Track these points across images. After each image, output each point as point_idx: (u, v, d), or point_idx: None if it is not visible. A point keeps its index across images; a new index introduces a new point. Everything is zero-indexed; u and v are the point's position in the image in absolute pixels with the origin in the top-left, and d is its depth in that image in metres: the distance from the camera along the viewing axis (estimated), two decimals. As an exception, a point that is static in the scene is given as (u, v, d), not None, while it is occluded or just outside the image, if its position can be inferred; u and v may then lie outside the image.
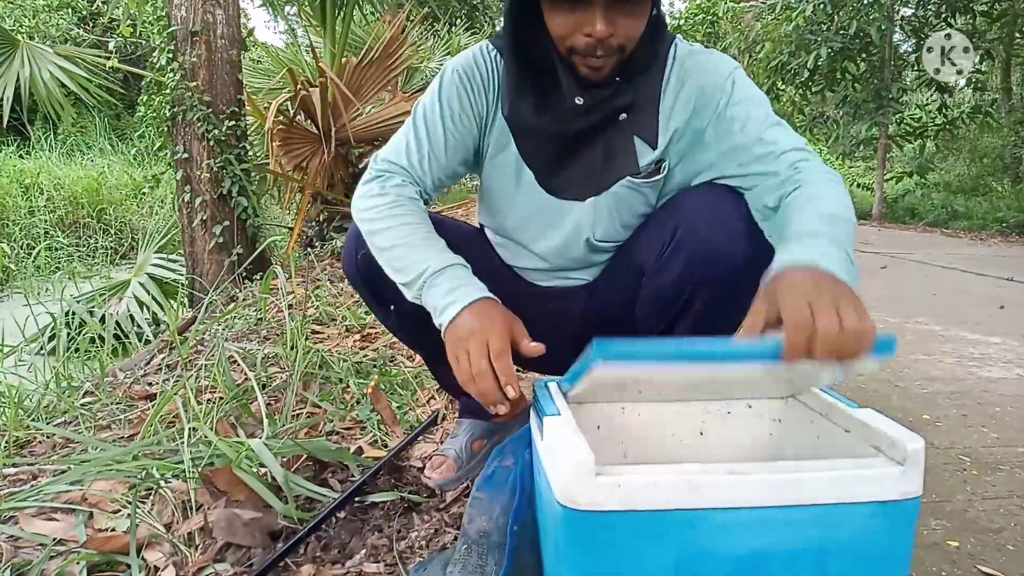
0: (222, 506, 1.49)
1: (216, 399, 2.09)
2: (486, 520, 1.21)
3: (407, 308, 1.34)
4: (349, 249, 1.34)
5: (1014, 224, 8.56)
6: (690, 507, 0.69)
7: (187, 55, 3.84)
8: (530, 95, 1.19)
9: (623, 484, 0.69)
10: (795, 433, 0.97)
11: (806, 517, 0.71)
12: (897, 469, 0.72)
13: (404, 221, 1.17)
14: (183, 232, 4.05)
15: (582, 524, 0.71)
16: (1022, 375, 2.37)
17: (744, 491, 0.70)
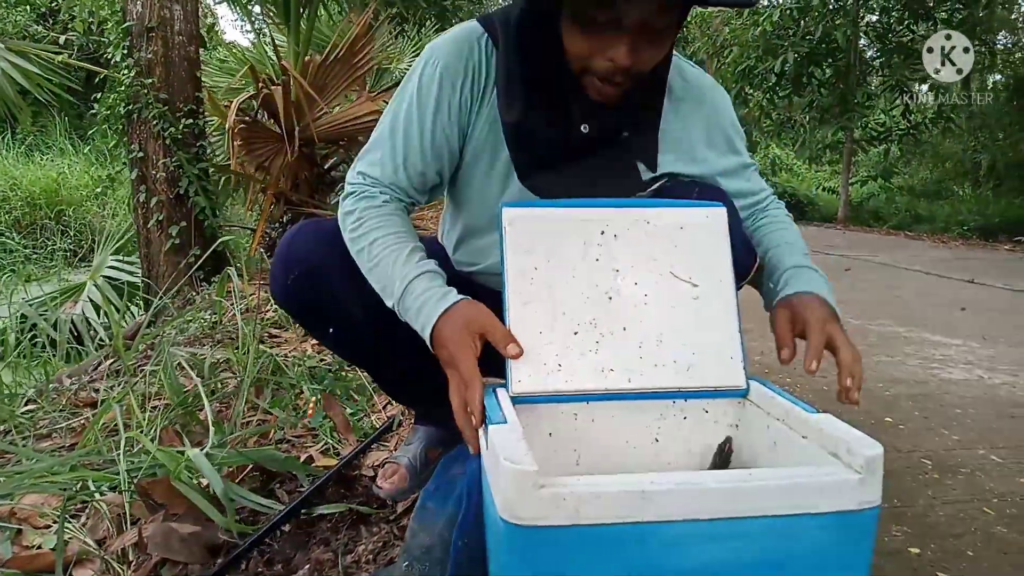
0: (159, 520, 1.42)
1: (162, 406, 2.01)
2: (429, 534, 1.15)
3: (347, 331, 1.27)
4: (277, 272, 1.21)
5: (975, 227, 8.73)
6: (639, 520, 0.66)
7: (143, 51, 3.73)
8: (538, 106, 1.09)
9: (568, 497, 0.65)
10: (752, 438, 0.93)
11: (761, 529, 0.68)
12: (855, 477, 0.69)
13: (369, 240, 1.09)
14: (138, 233, 3.93)
15: (526, 540, 0.66)
16: (983, 377, 2.38)
17: (695, 503, 0.66)
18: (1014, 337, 2.99)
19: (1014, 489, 1.52)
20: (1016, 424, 1.93)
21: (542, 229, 0.95)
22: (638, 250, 0.95)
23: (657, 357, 0.93)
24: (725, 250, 0.97)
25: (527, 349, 0.91)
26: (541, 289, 0.93)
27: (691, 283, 0.95)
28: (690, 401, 0.95)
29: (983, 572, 1.20)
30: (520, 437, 0.73)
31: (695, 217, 0.98)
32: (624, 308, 0.94)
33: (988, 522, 1.38)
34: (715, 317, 0.95)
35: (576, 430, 0.95)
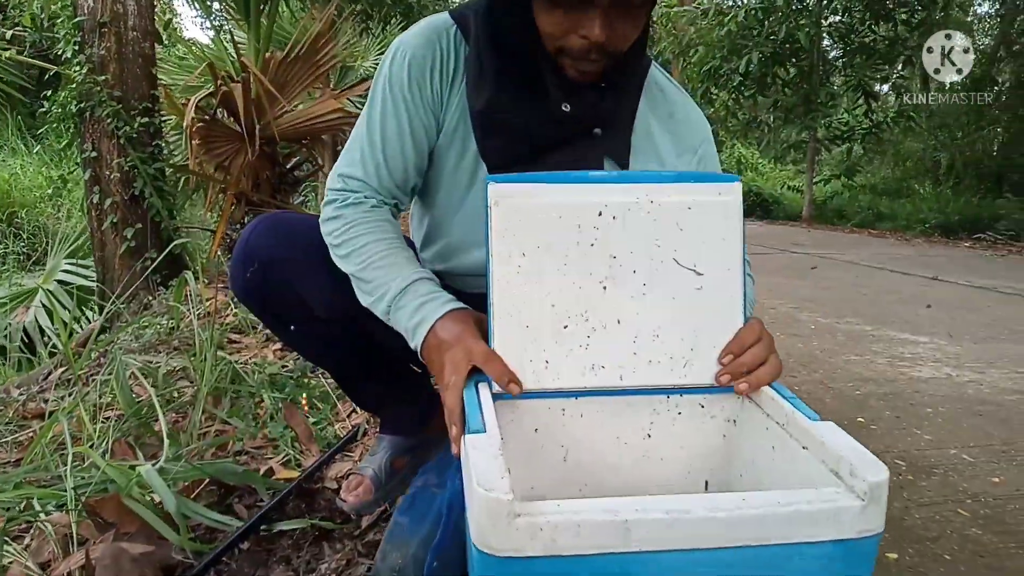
0: (108, 540, 1.34)
1: (115, 418, 1.92)
2: (401, 554, 1.09)
3: (308, 328, 1.22)
4: (235, 268, 1.17)
5: (935, 225, 8.89)
6: (622, 551, 0.60)
7: (95, 47, 3.60)
8: (510, 91, 1.04)
9: (545, 527, 0.59)
10: (749, 438, 0.88)
11: (753, 558, 0.62)
12: (856, 505, 0.63)
13: (360, 244, 1.04)
14: (92, 236, 3.79)
15: (500, 570, 0.61)
16: (951, 374, 2.39)
17: (683, 533, 0.61)
18: (978, 334, 3.01)
19: (987, 489, 1.51)
20: (984, 422, 1.93)
21: (532, 209, 0.84)
22: (639, 234, 0.85)
23: (652, 352, 0.87)
24: (736, 234, 0.87)
25: (512, 344, 0.85)
26: (529, 277, 0.84)
27: (695, 271, 0.86)
28: (685, 396, 0.89)
29: (960, 575, 1.18)
30: (497, 452, 0.67)
31: (706, 195, 0.86)
32: (620, 299, 0.86)
33: (963, 524, 1.36)
34: (719, 309, 0.87)
35: (564, 426, 0.90)
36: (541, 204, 0.84)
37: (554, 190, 0.85)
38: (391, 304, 0.98)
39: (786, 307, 3.58)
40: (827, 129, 10.85)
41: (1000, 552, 1.26)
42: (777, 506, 0.62)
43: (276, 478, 1.60)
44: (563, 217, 0.84)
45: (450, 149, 1.12)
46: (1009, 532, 1.33)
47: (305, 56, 4.62)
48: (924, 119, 11.50)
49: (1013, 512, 1.41)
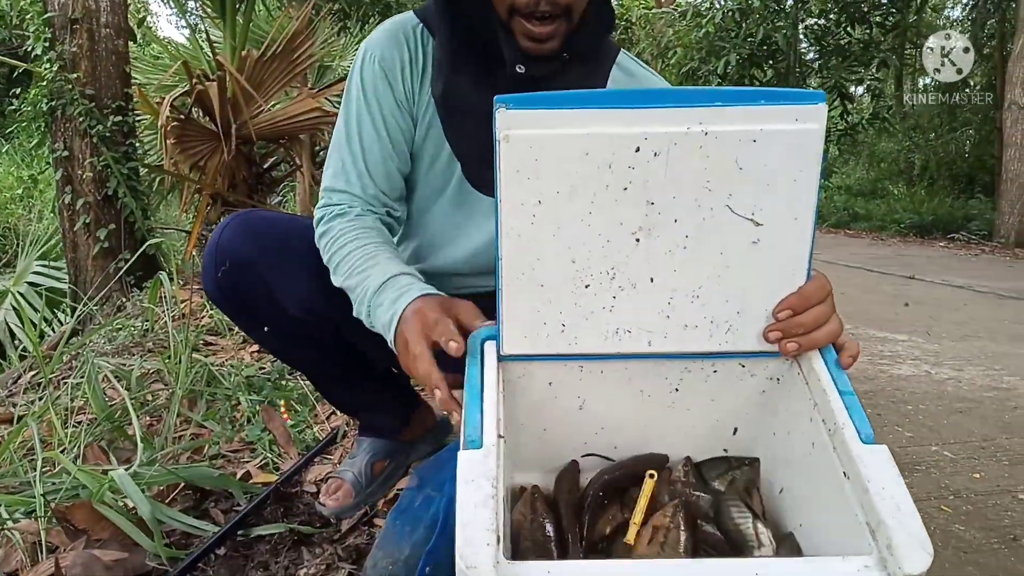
0: (80, 547, 1.30)
1: (87, 422, 1.87)
2: (392, 560, 1.06)
3: (282, 328, 1.19)
4: (207, 266, 1.14)
5: (910, 225, 9.00)
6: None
7: (67, 44, 3.52)
8: (468, 69, 1.02)
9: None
10: (790, 405, 0.78)
11: None
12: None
13: (344, 254, 1.00)
14: (64, 237, 3.71)
15: None
16: (930, 372, 2.40)
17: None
18: (955, 332, 3.04)
19: (968, 486, 1.52)
20: (964, 419, 1.94)
21: (552, 143, 0.67)
22: (685, 175, 0.67)
23: (689, 316, 0.73)
24: (813, 174, 0.68)
25: (523, 305, 0.73)
26: (545, 228, 0.69)
27: (754, 221, 0.69)
28: (724, 362, 0.78)
29: (945, 572, 1.18)
30: (490, 492, 0.59)
31: (779, 121, 0.66)
32: (655, 254, 0.70)
33: (947, 520, 1.36)
34: (778, 269, 0.72)
35: (581, 380, 0.80)
36: (564, 136, 0.66)
37: (582, 117, 0.66)
38: (370, 305, 0.92)
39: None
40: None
41: (983, 548, 1.26)
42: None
43: (253, 482, 1.57)
44: (591, 153, 0.67)
45: (425, 147, 1.10)
46: (991, 528, 1.33)
47: (282, 55, 4.56)
48: (898, 121, 11.65)
49: (994, 508, 1.42)
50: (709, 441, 0.88)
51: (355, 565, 1.28)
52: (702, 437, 0.87)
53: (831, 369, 0.72)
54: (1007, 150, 7.78)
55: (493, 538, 0.55)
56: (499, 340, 0.75)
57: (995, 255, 6.63)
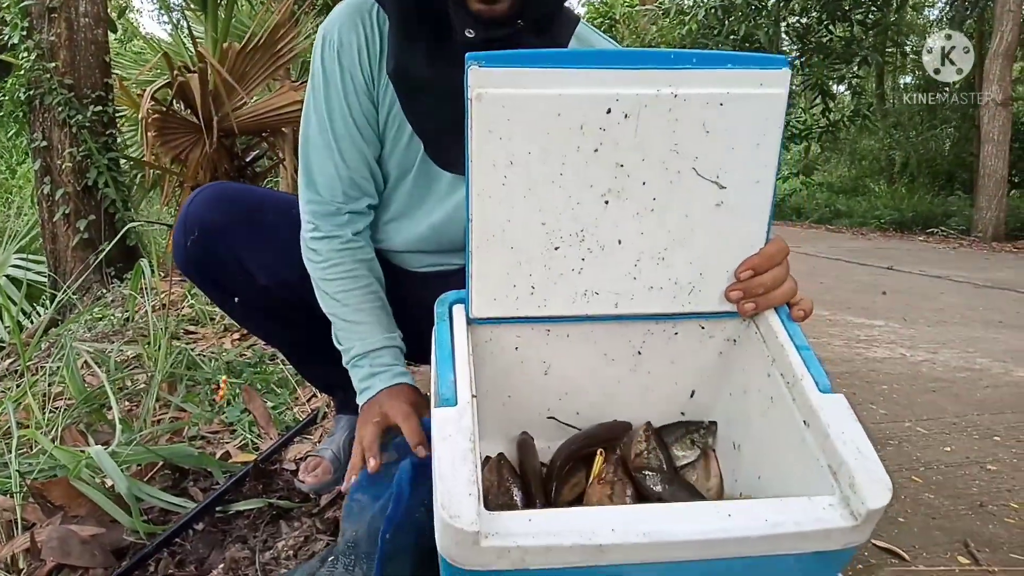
0: (56, 523, 1.30)
1: (66, 406, 1.86)
2: (356, 528, 1.07)
3: (257, 302, 1.20)
4: (177, 236, 1.15)
5: (890, 221, 9.09)
6: (595, 564, 0.57)
7: (44, 33, 3.49)
8: (420, 43, 0.99)
9: (513, 550, 0.55)
10: (747, 364, 0.80)
11: (732, 568, 0.59)
12: (849, 525, 0.57)
13: (332, 291, 1.09)
14: (43, 228, 3.67)
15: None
16: (905, 355, 2.44)
17: (660, 554, 0.57)
18: (932, 318, 3.09)
19: (939, 458, 1.54)
20: (937, 397, 1.97)
21: (524, 104, 0.66)
22: (654, 138, 0.68)
23: (655, 278, 0.75)
24: (775, 138, 0.70)
25: (493, 268, 0.73)
26: (516, 190, 0.70)
27: (718, 184, 0.71)
28: (683, 323, 0.81)
29: (914, 536, 1.20)
30: (468, 447, 0.60)
31: (745, 85, 0.68)
32: (623, 216, 0.71)
33: (917, 490, 1.39)
34: (739, 230, 0.74)
35: (548, 344, 0.82)
36: (536, 97, 0.66)
37: (555, 77, 0.66)
38: (350, 361, 1.07)
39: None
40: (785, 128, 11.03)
41: (951, 514, 1.29)
42: (764, 526, 0.57)
43: (233, 461, 1.57)
44: (563, 115, 0.67)
45: (388, 128, 1.09)
46: (959, 496, 1.36)
47: (264, 47, 4.54)
48: (879, 118, 11.77)
49: (963, 478, 1.44)
50: (668, 405, 0.90)
51: (333, 536, 1.28)
52: (662, 402, 0.89)
53: (787, 325, 0.75)
54: (984, 146, 7.88)
55: (474, 489, 0.56)
56: (468, 303, 0.75)
57: (972, 249, 6.73)
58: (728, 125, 0.69)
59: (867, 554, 1.14)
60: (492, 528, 0.55)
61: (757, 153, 0.70)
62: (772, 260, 0.76)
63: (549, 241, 0.72)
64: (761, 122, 0.69)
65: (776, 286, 0.77)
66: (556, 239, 0.72)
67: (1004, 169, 7.79)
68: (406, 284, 1.20)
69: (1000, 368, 2.28)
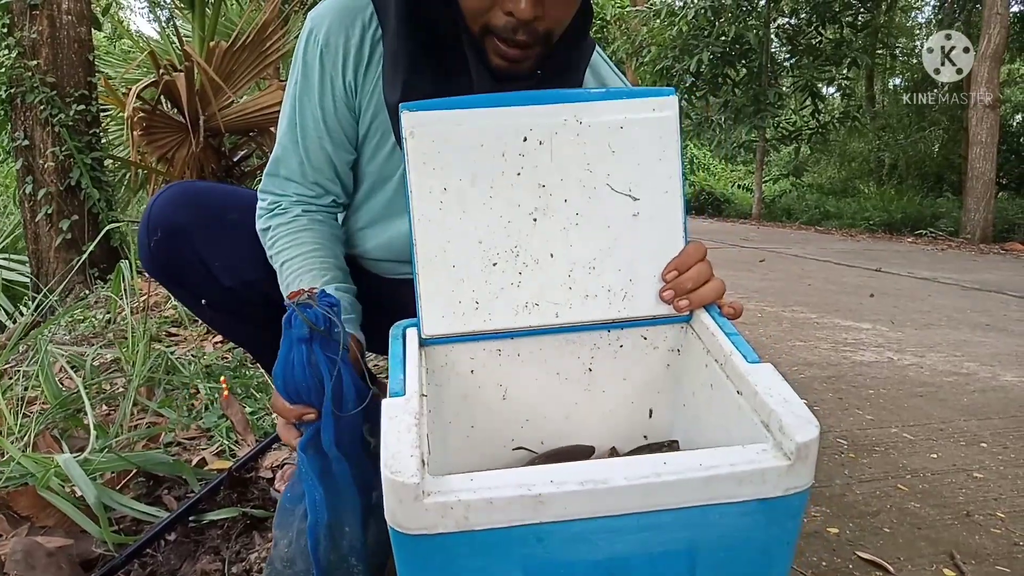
0: (23, 534, 1.26)
1: (41, 411, 1.83)
2: (287, 543, 1.03)
3: (219, 300, 1.16)
4: (141, 237, 1.12)
5: (879, 222, 9.12)
6: (537, 522, 0.58)
7: (26, 31, 3.44)
8: (427, 74, 0.94)
9: (455, 506, 0.56)
10: (691, 370, 0.85)
11: (673, 520, 0.60)
12: (783, 464, 0.60)
13: (280, 262, 1.02)
14: (25, 228, 3.62)
15: (413, 548, 0.59)
16: (892, 358, 2.43)
17: (600, 502, 0.58)
18: (919, 321, 3.08)
19: (926, 465, 1.53)
20: (924, 402, 1.96)
21: (452, 137, 0.77)
22: (568, 159, 0.79)
23: (589, 286, 0.82)
24: (674, 152, 0.81)
25: (438, 286, 0.79)
26: (452, 213, 0.78)
27: (631, 196, 0.81)
28: (626, 329, 0.85)
29: (899, 547, 1.19)
30: (412, 423, 0.63)
31: (639, 111, 0.80)
32: (551, 231, 0.80)
33: (902, 498, 1.37)
34: (658, 236, 0.82)
35: (500, 365, 0.85)
36: (460, 131, 0.77)
37: (473, 115, 0.77)
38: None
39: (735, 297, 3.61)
40: (775, 129, 11.06)
41: (936, 524, 1.27)
42: (699, 469, 0.58)
43: (208, 469, 1.54)
44: (485, 145, 0.78)
45: (368, 137, 1.06)
46: (945, 505, 1.35)
47: (252, 45, 4.50)
48: (869, 120, 11.81)
49: (950, 486, 1.43)
50: (629, 427, 0.92)
51: (282, 548, 1.26)
52: (623, 424, 0.92)
53: (716, 319, 0.81)
54: (973, 148, 7.91)
55: (417, 452, 0.59)
56: (419, 324, 0.80)
57: (961, 250, 6.75)
58: (631, 145, 0.80)
59: (851, 566, 1.12)
60: (435, 487, 0.57)
61: (661, 167, 0.81)
62: (691, 258, 0.82)
63: (487, 258, 0.80)
64: (659, 140, 0.80)
65: (702, 281, 0.82)
66: (493, 256, 0.80)
67: (992, 171, 7.83)
68: (381, 290, 1.18)
69: (987, 372, 2.27)
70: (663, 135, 0.80)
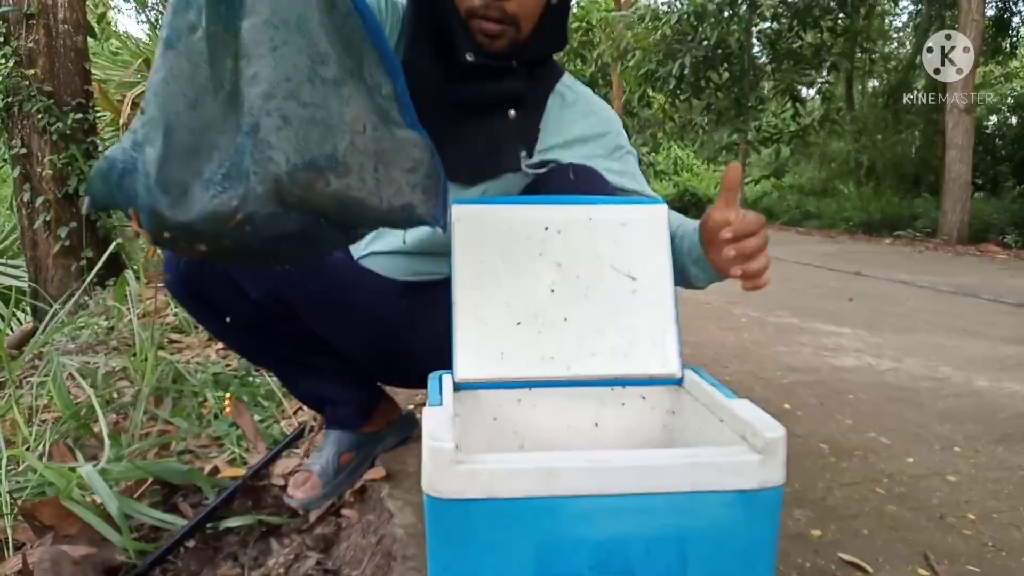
0: (48, 543, 1.32)
1: (52, 420, 1.88)
2: None
3: (247, 318, 1.25)
4: (170, 257, 1.21)
5: (858, 223, 9.28)
6: (549, 495, 0.71)
7: (23, 40, 3.46)
8: (426, 54, 1.14)
9: (483, 472, 0.70)
10: (686, 424, 0.99)
11: (663, 505, 0.73)
12: (755, 458, 0.73)
13: None
14: (23, 235, 3.65)
15: (445, 512, 0.72)
16: (871, 363, 2.53)
17: (601, 479, 0.72)
18: (897, 325, 3.20)
19: (902, 469, 1.62)
20: (901, 407, 2.06)
21: (490, 225, 1.00)
22: (580, 246, 1.00)
23: (595, 346, 0.99)
24: (664, 245, 1.03)
25: (472, 336, 0.97)
26: (487, 282, 0.98)
27: (630, 277, 1.00)
28: (628, 388, 1.01)
29: (877, 548, 1.27)
30: (449, 418, 0.77)
31: (636, 214, 1.03)
32: (565, 300, 0.99)
33: (880, 501, 1.46)
34: (652, 308, 1.00)
35: (519, 415, 1.01)
36: (497, 220, 1.00)
37: (508, 210, 1.02)
38: None
39: (720, 301, 3.72)
40: (757, 132, 11.21)
41: (912, 526, 1.36)
42: (684, 459, 0.73)
43: (221, 476, 1.60)
44: (515, 232, 1.00)
45: None
46: (920, 507, 1.44)
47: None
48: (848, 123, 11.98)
49: (924, 489, 1.52)
50: None
51: (323, 554, 1.33)
52: None
53: (705, 378, 0.96)
54: (949, 151, 8.07)
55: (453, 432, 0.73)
56: (454, 369, 0.97)
57: (938, 251, 6.91)
58: (630, 238, 1.02)
59: (833, 567, 1.21)
60: (466, 458, 0.71)
61: (654, 256, 1.02)
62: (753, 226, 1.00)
63: (512, 318, 0.98)
64: (652, 238, 1.03)
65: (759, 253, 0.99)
66: (517, 316, 0.98)
67: (968, 174, 8.00)
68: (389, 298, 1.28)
69: (962, 377, 2.37)
70: (655, 233, 1.03)
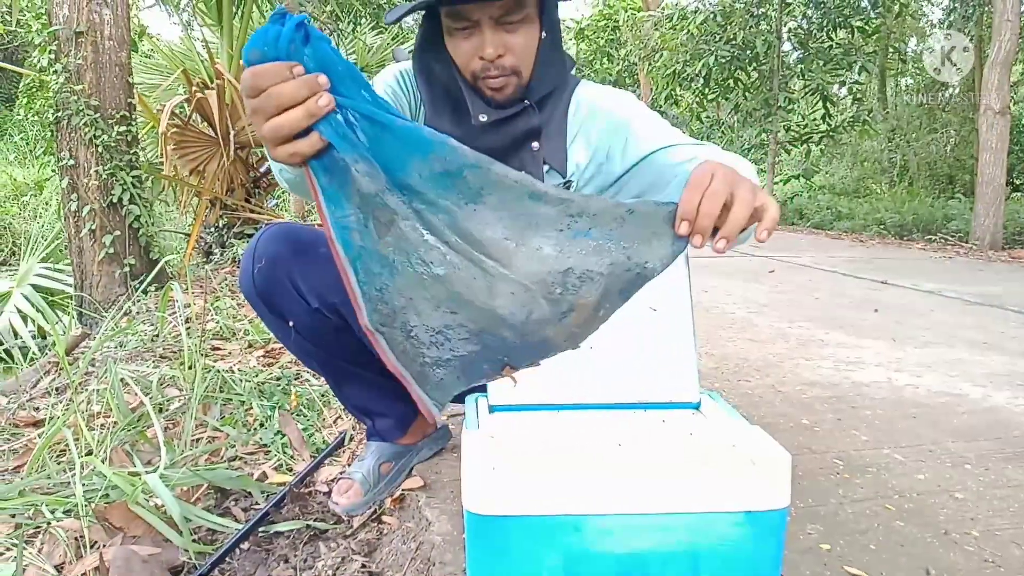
0: (118, 543, 1.45)
1: (110, 425, 2.02)
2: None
3: (307, 325, 1.38)
4: (246, 264, 1.36)
5: (891, 224, 9.20)
6: (577, 512, 0.81)
7: (72, 56, 3.63)
8: (444, 116, 1.26)
9: (519, 491, 0.80)
10: (702, 446, 1.04)
11: (678, 523, 0.82)
12: (763, 482, 0.82)
13: None
14: (70, 242, 3.83)
15: (485, 527, 0.80)
16: (891, 378, 2.58)
17: (623, 499, 0.81)
18: (919, 338, 3.23)
19: (913, 486, 1.69)
20: (916, 424, 2.12)
21: None
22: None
23: (619, 373, 1.08)
24: (683, 283, 1.11)
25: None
26: None
27: (651, 308, 1.09)
28: (649, 411, 1.09)
29: (883, 563, 1.35)
30: (487, 440, 0.87)
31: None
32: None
33: (889, 518, 1.54)
34: (671, 338, 1.10)
35: (548, 436, 1.07)
36: None
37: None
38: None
39: (744, 312, 3.77)
40: (786, 131, 11.15)
41: (918, 542, 1.44)
42: (699, 480, 0.83)
43: (269, 482, 1.72)
44: None
45: None
46: (928, 524, 1.51)
47: (279, 62, 4.67)
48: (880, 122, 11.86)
49: (932, 506, 1.59)
50: None
51: (367, 557, 1.44)
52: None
53: (721, 404, 1.07)
54: (983, 154, 7.99)
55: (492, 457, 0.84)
56: (488, 393, 1.07)
57: (970, 257, 6.86)
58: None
59: (837, 581, 1.29)
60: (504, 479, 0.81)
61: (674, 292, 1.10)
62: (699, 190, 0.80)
63: None
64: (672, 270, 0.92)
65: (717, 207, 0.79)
66: None
67: (1002, 177, 7.91)
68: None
69: (979, 393, 2.42)
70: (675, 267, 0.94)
